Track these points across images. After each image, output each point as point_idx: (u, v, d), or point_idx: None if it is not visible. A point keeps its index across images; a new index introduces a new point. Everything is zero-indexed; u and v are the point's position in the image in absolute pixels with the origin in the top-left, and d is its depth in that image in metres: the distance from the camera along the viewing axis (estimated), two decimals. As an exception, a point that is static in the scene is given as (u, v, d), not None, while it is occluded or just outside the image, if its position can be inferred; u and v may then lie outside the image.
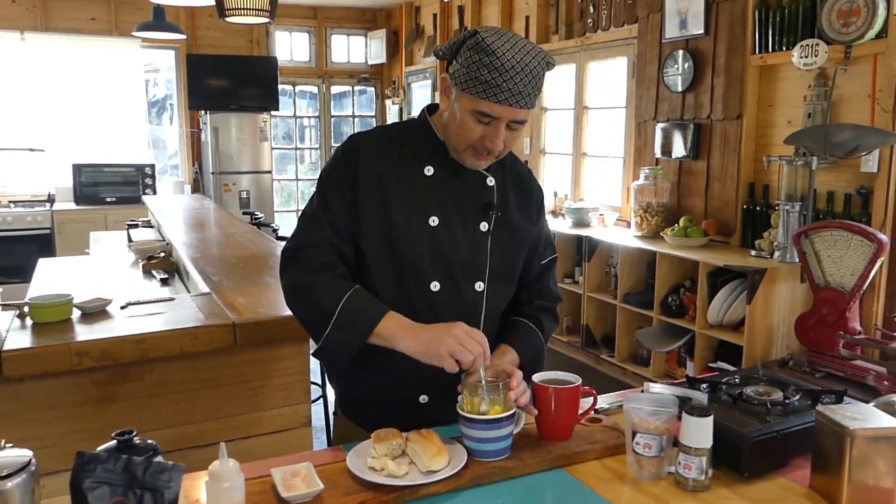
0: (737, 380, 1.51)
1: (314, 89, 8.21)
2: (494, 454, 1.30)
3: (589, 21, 5.17)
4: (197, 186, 7.44)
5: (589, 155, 5.47)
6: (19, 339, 1.84)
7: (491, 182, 1.49)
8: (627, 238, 4.50)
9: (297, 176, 8.31)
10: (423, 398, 1.49)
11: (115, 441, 1.13)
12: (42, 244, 6.17)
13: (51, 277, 3.08)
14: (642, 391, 1.46)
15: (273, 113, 7.52)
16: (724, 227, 4.18)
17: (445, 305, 1.43)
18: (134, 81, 6.97)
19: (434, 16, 7.07)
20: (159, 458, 1.10)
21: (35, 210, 6.29)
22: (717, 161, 4.20)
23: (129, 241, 4.06)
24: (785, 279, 3.51)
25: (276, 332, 2.06)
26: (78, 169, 6.60)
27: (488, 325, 1.50)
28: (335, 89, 8.32)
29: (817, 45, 3.41)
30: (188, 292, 2.73)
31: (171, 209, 4.76)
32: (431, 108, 1.52)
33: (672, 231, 4.20)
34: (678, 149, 4.41)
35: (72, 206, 6.54)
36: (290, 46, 7.94)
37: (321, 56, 8.05)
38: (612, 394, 1.67)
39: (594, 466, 1.33)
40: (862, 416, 1.19)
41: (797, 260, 3.29)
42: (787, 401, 1.39)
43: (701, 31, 4.19)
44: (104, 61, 6.80)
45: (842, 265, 2.04)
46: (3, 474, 1.00)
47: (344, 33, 8.19)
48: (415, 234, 1.43)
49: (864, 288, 2.02)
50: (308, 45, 8.03)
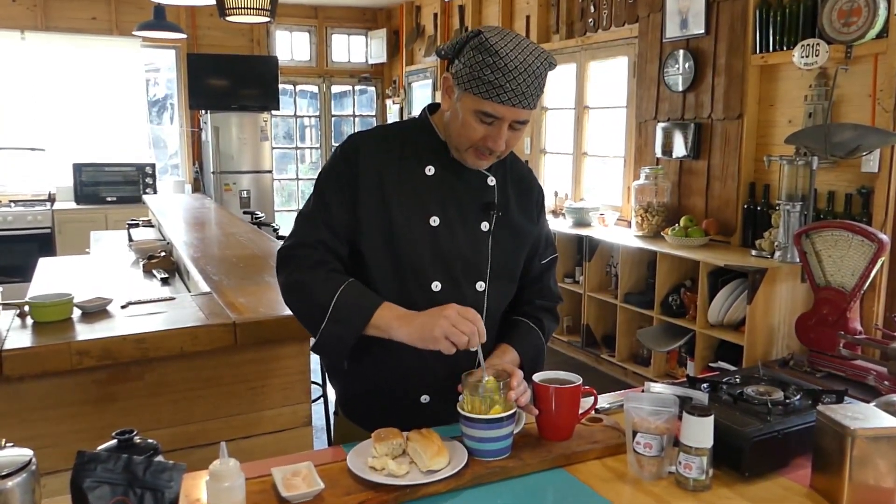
0: (737, 379, 1.51)
1: (315, 89, 8.21)
2: (495, 454, 1.30)
3: (589, 20, 5.17)
4: (197, 186, 7.44)
5: (589, 154, 5.46)
6: (20, 338, 1.84)
7: (492, 182, 1.49)
8: (628, 238, 4.50)
9: (297, 175, 8.31)
10: (424, 398, 1.49)
11: (115, 440, 1.13)
12: (42, 243, 6.17)
13: (51, 277, 3.08)
14: (643, 391, 1.46)
15: (273, 112, 7.52)
16: (724, 227, 4.18)
17: (446, 305, 1.43)
18: (134, 81, 6.97)
19: (435, 15, 7.07)
20: (160, 458, 1.10)
21: (35, 209, 6.29)
22: (717, 161, 4.20)
23: (130, 240, 4.06)
24: (785, 279, 3.51)
25: (277, 332, 2.06)
26: (78, 168, 6.60)
27: (489, 325, 1.49)
28: (336, 89, 8.32)
29: (818, 44, 3.41)
30: (188, 292, 2.73)
31: (171, 209, 4.76)
32: (432, 108, 1.52)
33: (672, 231, 4.20)
34: (679, 148, 4.41)
35: (72, 205, 6.55)
36: (291, 46, 7.94)
37: (322, 55, 8.05)
38: (612, 393, 1.67)
39: (595, 466, 1.33)
40: (863, 416, 1.19)
41: (798, 260, 3.28)
42: (787, 401, 1.39)
43: (702, 31, 4.19)
44: (105, 61, 6.81)
45: (842, 265, 2.04)
46: (3, 473, 1.00)
47: (344, 33, 8.19)
48: (415, 234, 1.43)
49: (865, 288, 2.01)
50: (309, 44, 8.03)
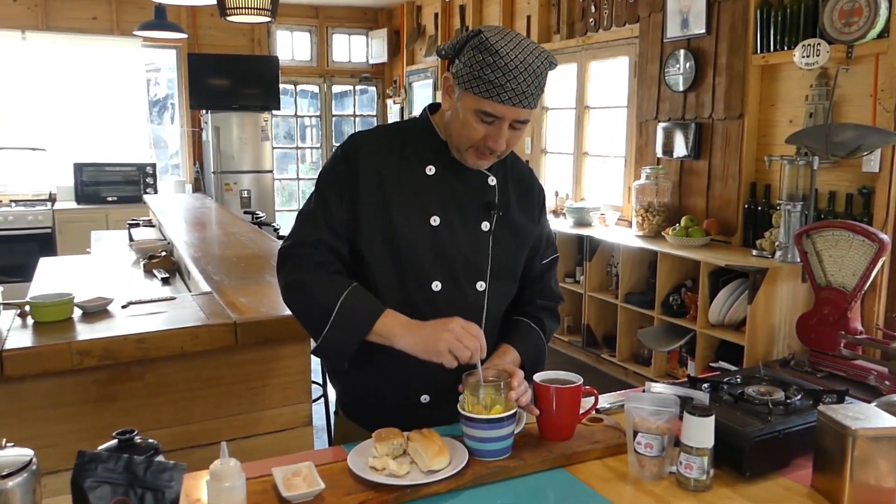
0: (738, 379, 1.51)
1: (315, 89, 8.21)
2: (496, 454, 1.30)
3: (590, 20, 5.17)
4: (198, 186, 7.45)
5: (590, 154, 5.46)
6: (20, 338, 1.84)
7: (492, 181, 1.49)
8: (629, 238, 4.49)
9: (298, 175, 8.31)
10: (425, 398, 1.48)
11: (116, 440, 1.13)
12: (43, 243, 6.17)
13: (52, 277, 3.08)
14: (644, 391, 1.46)
15: (274, 112, 7.52)
16: (725, 227, 4.17)
17: (447, 305, 1.43)
18: (135, 81, 6.97)
19: (435, 15, 7.07)
20: (160, 458, 1.10)
21: (36, 209, 6.29)
22: (718, 161, 4.20)
23: (131, 240, 4.06)
24: (786, 279, 3.51)
25: (277, 332, 2.06)
26: (79, 168, 6.60)
27: (490, 325, 1.50)
28: (336, 89, 8.32)
29: (819, 44, 3.40)
30: (189, 292, 2.73)
31: (172, 208, 4.76)
32: (433, 108, 1.52)
33: (673, 231, 4.19)
34: (679, 148, 4.41)
35: (73, 205, 6.55)
36: (292, 46, 7.94)
37: (322, 55, 8.05)
38: (613, 393, 1.67)
39: (595, 466, 1.33)
40: (864, 416, 1.19)
41: (798, 260, 3.27)
42: (788, 401, 1.39)
43: (702, 31, 4.19)
44: (105, 61, 6.81)
45: (843, 265, 2.04)
46: (4, 473, 1.00)
47: (345, 32, 8.19)
48: (416, 234, 1.42)
49: (866, 288, 2.01)
50: (309, 44, 8.03)
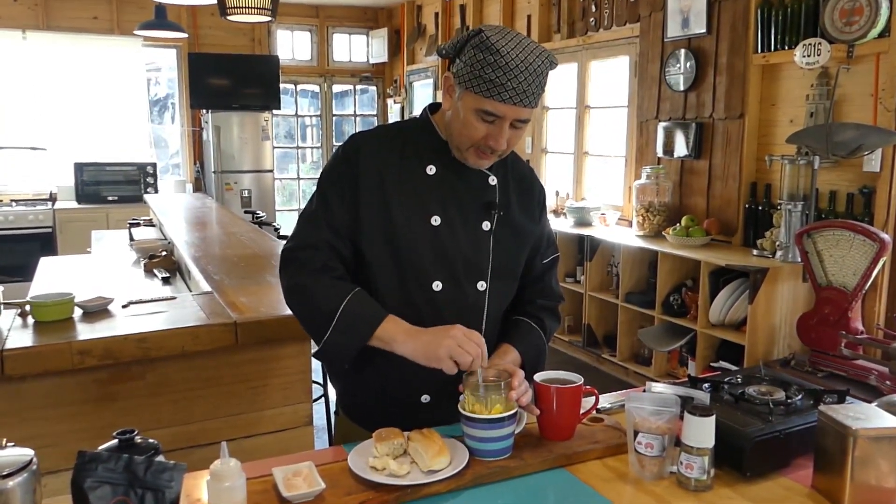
0: (739, 379, 1.51)
1: (316, 88, 8.21)
2: (496, 454, 1.30)
3: (591, 20, 5.17)
4: (198, 185, 7.45)
5: (591, 154, 5.46)
6: (21, 337, 1.84)
7: (493, 181, 1.48)
8: (629, 237, 4.49)
9: (298, 175, 8.31)
10: (425, 398, 1.48)
11: (116, 440, 1.13)
12: (44, 243, 6.17)
13: (52, 276, 3.08)
14: (644, 391, 1.46)
15: (275, 112, 7.53)
16: (725, 227, 4.17)
17: (447, 305, 1.43)
18: (136, 80, 6.97)
19: (436, 14, 7.07)
20: (160, 458, 1.10)
21: (37, 209, 6.29)
22: (719, 160, 4.20)
23: (131, 239, 4.06)
24: (787, 279, 3.50)
25: (278, 332, 2.06)
26: (80, 168, 6.60)
27: (490, 325, 1.50)
28: (337, 88, 8.32)
29: (820, 44, 3.40)
30: (190, 291, 2.73)
31: (172, 208, 4.76)
32: (433, 107, 1.51)
33: (674, 230, 4.19)
34: (680, 148, 4.41)
35: (73, 204, 6.55)
36: (292, 45, 7.94)
37: (323, 55, 8.05)
38: (613, 393, 1.67)
39: (596, 466, 1.33)
40: (864, 416, 1.19)
41: (799, 259, 3.28)
42: (789, 400, 1.39)
43: (703, 30, 4.19)
44: (106, 60, 6.81)
45: (844, 265, 2.03)
46: (4, 473, 1.00)
47: (346, 32, 8.19)
48: (416, 234, 1.42)
49: (867, 287, 2.01)
50: (310, 43, 8.03)
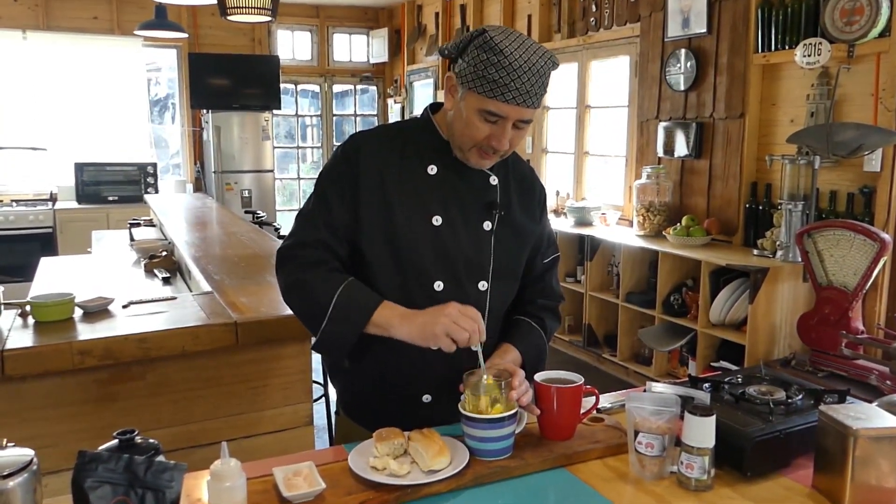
0: (739, 379, 1.51)
1: (316, 88, 8.21)
2: (496, 453, 1.30)
3: (591, 20, 5.16)
4: (199, 185, 7.45)
5: (591, 154, 5.46)
6: (21, 338, 1.84)
7: (494, 181, 1.48)
8: (629, 237, 4.49)
9: (298, 175, 8.31)
10: (426, 397, 1.48)
11: (116, 440, 1.13)
12: (44, 243, 6.17)
13: (53, 276, 3.08)
14: (644, 390, 1.46)
15: (275, 112, 7.53)
16: (726, 227, 4.17)
17: (448, 305, 1.43)
18: (136, 80, 6.98)
19: (436, 14, 7.07)
20: (161, 458, 1.10)
21: (37, 209, 6.29)
22: (719, 160, 4.19)
23: (131, 240, 4.06)
24: (787, 278, 3.50)
25: (278, 332, 2.06)
26: (80, 168, 6.61)
27: (491, 324, 1.49)
28: (337, 88, 8.32)
29: (820, 43, 3.40)
30: (190, 291, 2.73)
31: (172, 208, 4.76)
32: (434, 107, 1.51)
33: (674, 230, 4.19)
34: (680, 148, 4.41)
35: (74, 204, 6.55)
36: (292, 45, 7.94)
37: (323, 55, 8.05)
38: (614, 393, 1.67)
39: (596, 466, 1.33)
40: (865, 416, 1.19)
41: (800, 259, 3.27)
42: (789, 400, 1.39)
43: (703, 30, 4.19)
44: (106, 60, 6.81)
45: (844, 264, 2.03)
46: (4, 473, 1.00)
47: (346, 32, 8.19)
48: (417, 234, 1.42)
49: (867, 287, 2.01)
50: (310, 43, 8.03)
